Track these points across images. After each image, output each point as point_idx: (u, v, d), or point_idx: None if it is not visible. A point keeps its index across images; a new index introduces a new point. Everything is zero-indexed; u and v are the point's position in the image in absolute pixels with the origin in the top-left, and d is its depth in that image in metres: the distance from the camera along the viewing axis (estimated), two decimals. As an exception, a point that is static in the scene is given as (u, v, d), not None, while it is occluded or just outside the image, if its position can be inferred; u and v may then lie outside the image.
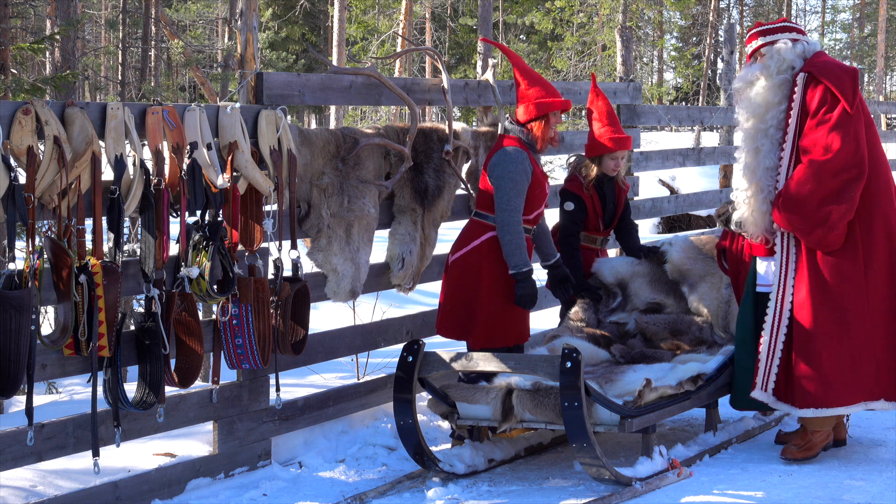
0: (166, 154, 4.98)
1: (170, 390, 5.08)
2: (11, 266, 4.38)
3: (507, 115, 6.27)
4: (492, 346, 5.94)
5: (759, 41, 5.78)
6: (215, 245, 5.07)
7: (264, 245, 5.59)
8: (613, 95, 8.56)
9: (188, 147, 5.00)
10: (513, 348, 6.08)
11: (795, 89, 5.63)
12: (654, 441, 5.65)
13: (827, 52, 5.87)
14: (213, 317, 5.40)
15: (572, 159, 6.83)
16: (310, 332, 5.69)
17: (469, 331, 6.04)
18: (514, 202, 5.83)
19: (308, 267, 5.82)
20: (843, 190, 5.52)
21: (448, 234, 7.22)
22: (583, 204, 6.60)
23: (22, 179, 4.40)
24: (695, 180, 20.33)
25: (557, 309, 8.34)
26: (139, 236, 5.11)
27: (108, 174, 4.78)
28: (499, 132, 6.97)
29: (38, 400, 7.01)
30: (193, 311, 5.01)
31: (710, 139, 33.01)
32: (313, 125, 39.76)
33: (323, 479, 5.69)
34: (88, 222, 4.64)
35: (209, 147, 5.11)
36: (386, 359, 7.47)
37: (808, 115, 5.60)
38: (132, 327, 5.13)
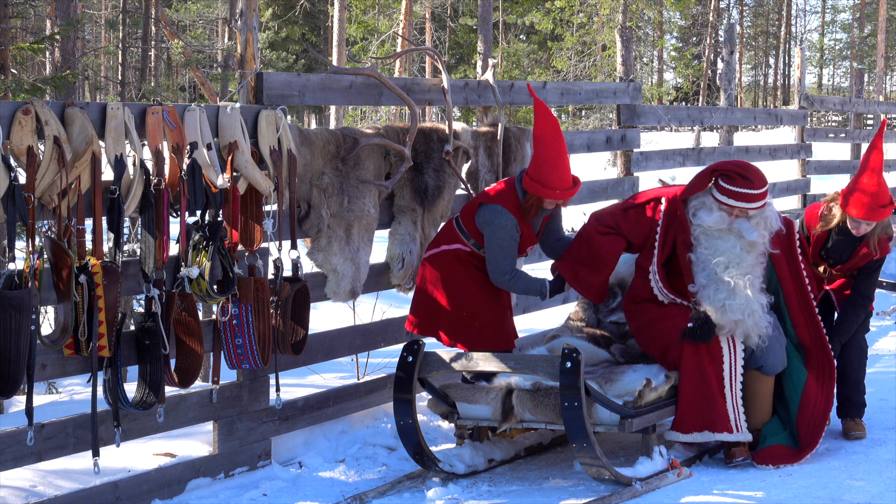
0: (166, 154, 4.98)
1: (170, 390, 5.08)
2: (11, 266, 4.38)
3: (525, 170, 5.93)
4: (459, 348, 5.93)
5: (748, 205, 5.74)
6: (215, 245, 5.07)
7: (264, 245, 5.59)
8: (613, 95, 8.57)
9: (188, 147, 5.00)
10: None
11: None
12: (654, 441, 5.65)
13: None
14: (213, 317, 5.40)
15: None
16: (310, 332, 5.69)
17: (435, 329, 6.04)
18: (502, 265, 5.89)
19: (308, 267, 5.82)
20: None
21: (448, 234, 7.19)
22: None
23: (22, 179, 4.40)
24: (695, 180, 20.24)
25: (557, 309, 8.36)
26: (139, 236, 5.10)
27: (108, 174, 4.78)
28: (499, 135, 6.97)
29: (38, 400, 7.01)
30: (193, 311, 5.01)
31: (710, 139, 32.99)
32: (313, 125, 39.75)
33: (323, 479, 5.69)
34: (88, 222, 4.64)
35: (209, 147, 5.11)
36: (386, 359, 7.47)
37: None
38: (132, 327, 5.13)
